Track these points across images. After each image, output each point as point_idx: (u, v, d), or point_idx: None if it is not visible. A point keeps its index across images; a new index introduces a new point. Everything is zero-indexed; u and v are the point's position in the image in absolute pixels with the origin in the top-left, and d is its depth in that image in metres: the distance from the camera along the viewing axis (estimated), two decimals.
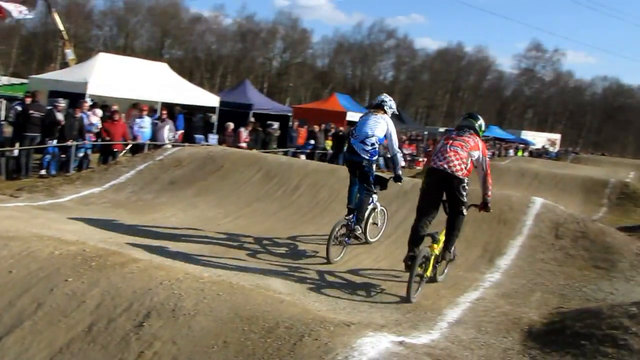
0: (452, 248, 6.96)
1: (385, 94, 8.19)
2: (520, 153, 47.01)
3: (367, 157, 7.62)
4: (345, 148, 7.81)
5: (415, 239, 6.57)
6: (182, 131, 19.24)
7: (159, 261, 6.40)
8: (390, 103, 7.96)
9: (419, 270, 6.41)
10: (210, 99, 23.43)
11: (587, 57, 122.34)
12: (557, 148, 60.23)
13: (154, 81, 20.87)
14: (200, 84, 45.94)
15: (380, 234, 8.66)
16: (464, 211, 6.73)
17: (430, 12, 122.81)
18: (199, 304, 4.79)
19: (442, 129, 46.92)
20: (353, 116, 31.42)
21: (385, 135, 7.72)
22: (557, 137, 67.61)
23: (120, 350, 4.40)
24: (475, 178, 6.89)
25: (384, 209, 8.69)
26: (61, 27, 26.64)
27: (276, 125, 23.99)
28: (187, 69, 61.69)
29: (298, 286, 6.53)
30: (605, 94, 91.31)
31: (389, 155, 8.36)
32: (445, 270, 7.28)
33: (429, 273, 6.64)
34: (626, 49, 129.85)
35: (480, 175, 6.88)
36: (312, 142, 23.44)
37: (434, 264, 6.77)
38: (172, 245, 7.65)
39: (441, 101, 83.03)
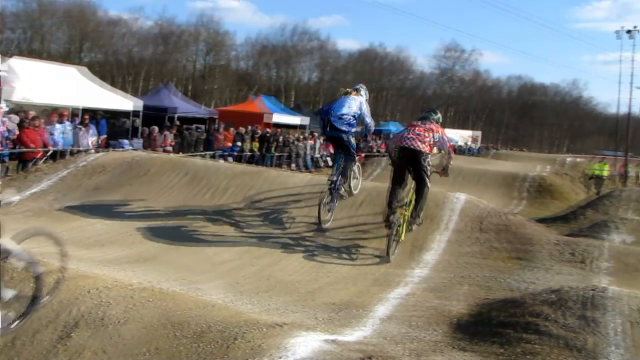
0: (421, 213, 8.51)
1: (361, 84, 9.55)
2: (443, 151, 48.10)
3: (345, 130, 8.76)
4: (326, 126, 8.77)
5: (392, 201, 8.25)
6: (105, 136, 18.70)
7: (86, 269, 6.19)
8: (365, 91, 9.27)
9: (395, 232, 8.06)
10: (133, 103, 22.87)
11: (503, 57, 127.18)
12: (478, 145, 62.31)
13: (72, 85, 20.13)
14: (123, 88, 44.77)
15: (359, 184, 9.73)
16: (428, 182, 8.34)
17: (352, 14, 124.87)
18: (128, 312, 4.68)
19: None
20: (279, 117, 31.45)
21: (360, 110, 8.87)
22: (478, 134, 69.95)
23: None
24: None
25: (359, 165, 9.91)
26: None
27: (201, 128, 23.71)
28: (108, 73, 59.77)
29: (231, 289, 6.47)
30: (520, 92, 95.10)
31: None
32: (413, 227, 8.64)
33: (403, 236, 8.34)
34: (538, 49, 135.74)
35: (445, 149, 8.73)
36: (239, 144, 23.31)
37: (407, 226, 8.46)
38: (99, 253, 7.42)
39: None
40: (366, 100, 9.15)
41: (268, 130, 26.45)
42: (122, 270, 6.68)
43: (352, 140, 9.00)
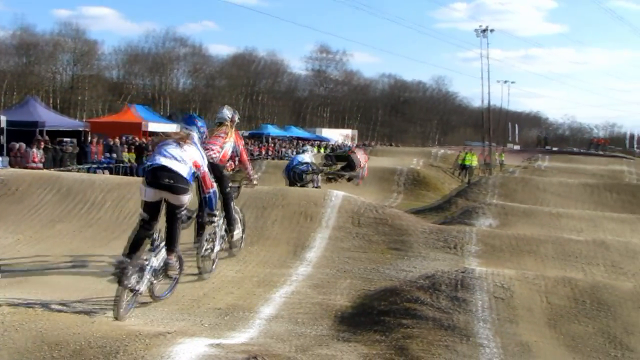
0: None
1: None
2: (316, 149, 49.10)
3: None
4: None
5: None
6: None
7: None
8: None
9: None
10: None
11: (371, 57, 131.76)
12: (355, 142, 64.06)
13: None
14: None
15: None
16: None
17: (222, 19, 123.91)
18: None
19: (246, 133, 47.60)
20: (152, 126, 30.64)
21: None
22: (353, 132, 71.95)
23: None
24: None
25: None
26: None
27: (73, 141, 22.66)
28: None
29: (110, 305, 6.29)
30: (390, 90, 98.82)
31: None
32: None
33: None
34: (404, 49, 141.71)
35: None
36: (114, 155, 22.54)
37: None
38: None
39: (239, 105, 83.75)
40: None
41: (144, 140, 25.75)
42: None
43: None
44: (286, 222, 9.42)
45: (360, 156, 16.21)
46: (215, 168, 7.41)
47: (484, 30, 41.26)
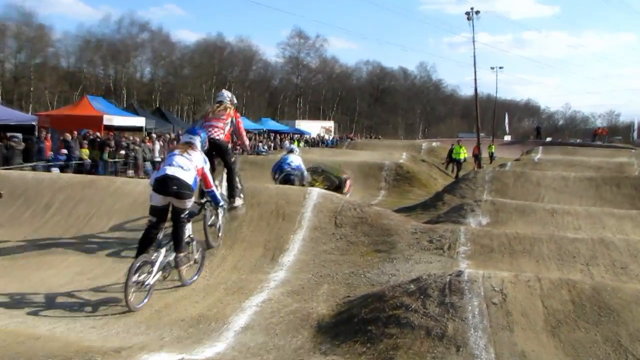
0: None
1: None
2: (296, 144, 49.10)
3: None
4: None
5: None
6: None
7: None
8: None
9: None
10: None
11: (351, 43, 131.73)
12: (332, 135, 64.13)
13: None
14: None
15: None
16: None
17: (187, 2, 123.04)
18: None
19: None
20: (110, 119, 30.22)
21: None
22: (331, 124, 71.99)
23: None
24: None
25: None
26: None
27: (19, 137, 22.25)
28: None
29: (62, 317, 6.15)
30: (370, 78, 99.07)
31: None
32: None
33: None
34: (383, 33, 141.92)
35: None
36: (65, 152, 22.18)
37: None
38: None
39: (207, 96, 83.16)
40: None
41: (98, 134, 25.38)
42: None
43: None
44: (260, 222, 9.30)
45: (349, 181, 16.68)
46: (220, 145, 8.93)
47: (473, 13, 41.49)
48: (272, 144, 43.16)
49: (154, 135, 29.16)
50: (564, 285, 6.11)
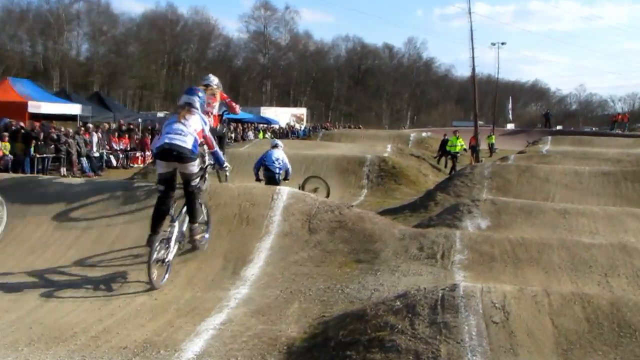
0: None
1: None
2: (261, 135, 49.06)
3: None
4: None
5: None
6: None
7: None
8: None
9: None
10: None
11: (325, 15, 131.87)
12: (304, 125, 64.13)
13: None
14: None
15: None
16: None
17: None
18: None
19: (161, 114, 47.02)
20: (37, 106, 29.87)
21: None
22: (303, 111, 72.04)
23: None
24: None
25: None
26: None
27: None
28: None
29: None
30: (350, 57, 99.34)
31: None
32: None
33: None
34: (366, 4, 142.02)
35: None
36: None
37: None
38: None
39: (157, 78, 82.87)
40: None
41: (22, 124, 25.08)
42: None
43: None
44: (220, 228, 9.23)
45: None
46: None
47: None
48: (233, 136, 42.63)
49: (91, 126, 28.71)
50: (578, 301, 6.15)
